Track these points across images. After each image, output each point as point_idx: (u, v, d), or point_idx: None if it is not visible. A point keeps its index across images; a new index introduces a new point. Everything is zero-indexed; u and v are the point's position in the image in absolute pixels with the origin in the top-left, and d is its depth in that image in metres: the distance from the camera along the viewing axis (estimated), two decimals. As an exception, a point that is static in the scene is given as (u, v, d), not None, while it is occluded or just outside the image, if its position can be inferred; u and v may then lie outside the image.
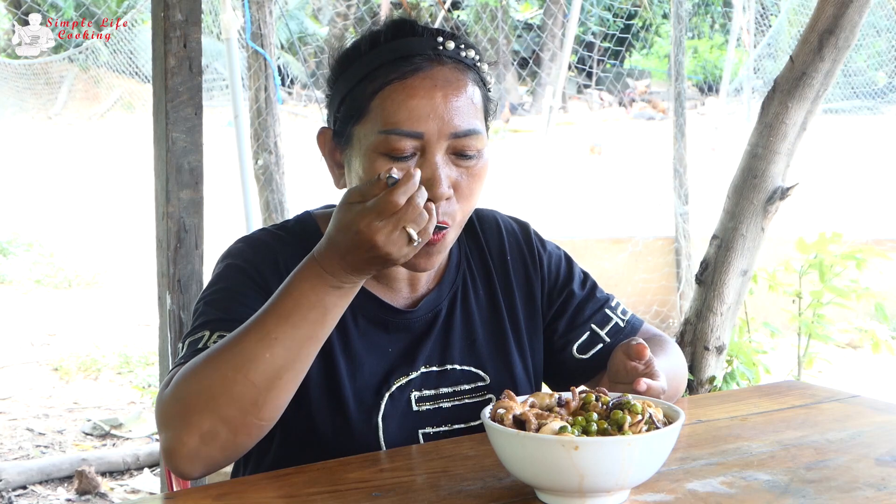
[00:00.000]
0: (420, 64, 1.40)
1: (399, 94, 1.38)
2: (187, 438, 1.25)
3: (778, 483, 1.26)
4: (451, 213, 1.41)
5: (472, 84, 1.43)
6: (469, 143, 1.40)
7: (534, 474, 1.18)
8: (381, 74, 1.40)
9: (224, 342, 1.29)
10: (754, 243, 2.99)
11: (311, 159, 1.64)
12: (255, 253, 1.47)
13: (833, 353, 5.08)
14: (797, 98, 2.87)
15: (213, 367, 1.26)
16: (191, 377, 1.27)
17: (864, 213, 8.52)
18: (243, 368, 1.24)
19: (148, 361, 5.53)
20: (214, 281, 1.47)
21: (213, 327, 1.38)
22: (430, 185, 1.36)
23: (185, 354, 1.37)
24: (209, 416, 1.24)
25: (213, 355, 1.28)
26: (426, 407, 1.50)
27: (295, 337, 1.26)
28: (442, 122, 1.38)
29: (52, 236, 9.57)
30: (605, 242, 6.55)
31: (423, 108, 1.38)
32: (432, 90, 1.39)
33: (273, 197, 4.66)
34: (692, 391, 3.06)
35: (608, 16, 13.21)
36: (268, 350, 1.25)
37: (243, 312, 1.38)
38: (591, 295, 1.65)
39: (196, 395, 1.26)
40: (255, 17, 4.60)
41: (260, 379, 1.25)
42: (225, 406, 1.24)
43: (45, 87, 13.01)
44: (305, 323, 1.26)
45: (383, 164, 1.37)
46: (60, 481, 3.92)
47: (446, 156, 1.40)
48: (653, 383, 1.34)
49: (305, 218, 1.56)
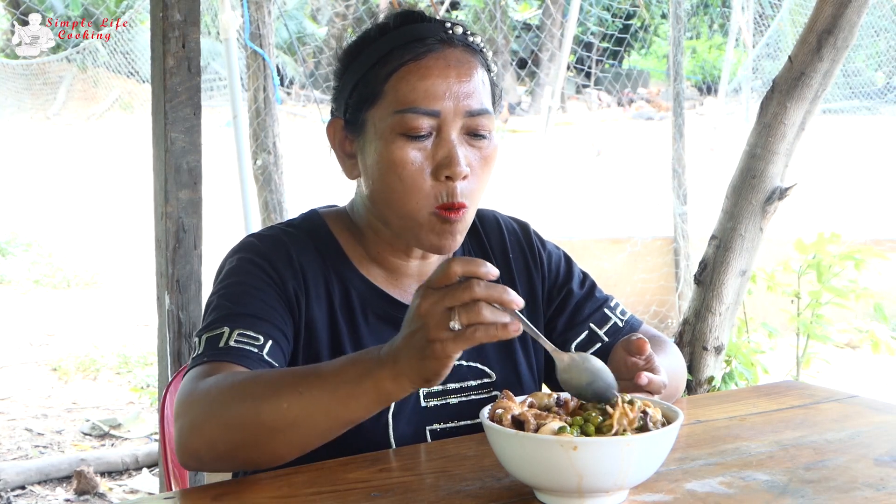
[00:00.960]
0: (433, 45, 1.42)
1: (414, 74, 1.40)
2: (203, 452, 1.27)
3: (777, 483, 1.26)
4: (468, 191, 1.42)
5: (480, 67, 1.45)
6: (482, 122, 1.42)
7: (532, 474, 1.18)
8: (395, 57, 1.42)
9: (259, 373, 1.28)
10: (753, 243, 2.99)
11: (311, 159, 1.65)
12: (268, 247, 1.47)
13: (832, 353, 5.09)
14: (796, 98, 2.87)
15: (238, 392, 1.26)
16: (218, 389, 1.27)
17: (863, 214, 8.52)
18: (258, 406, 1.24)
19: (147, 362, 5.53)
20: (228, 274, 1.46)
21: (233, 324, 1.37)
22: (449, 163, 1.39)
23: (204, 351, 1.36)
24: (218, 430, 1.26)
25: (244, 382, 1.26)
26: (434, 403, 1.51)
27: (319, 401, 1.23)
28: (457, 100, 1.40)
29: (51, 236, 9.57)
30: (604, 242, 6.55)
31: (438, 86, 1.40)
32: (446, 69, 1.41)
33: (272, 197, 4.66)
34: (691, 391, 3.06)
35: (607, 16, 13.22)
36: (287, 400, 1.23)
37: (259, 307, 1.38)
38: (590, 294, 1.66)
39: (224, 429, 1.25)
40: (254, 17, 4.60)
41: (269, 422, 1.24)
42: (233, 431, 1.25)
43: (43, 88, 13.00)
44: (340, 397, 1.23)
45: (401, 145, 1.39)
46: (59, 481, 3.91)
47: (461, 135, 1.41)
48: (654, 377, 1.34)
49: (312, 216, 1.56)
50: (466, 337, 1.12)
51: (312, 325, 1.46)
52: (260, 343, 1.36)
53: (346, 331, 1.47)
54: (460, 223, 1.42)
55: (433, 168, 1.40)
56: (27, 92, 12.80)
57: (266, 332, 1.38)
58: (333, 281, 1.49)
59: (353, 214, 1.55)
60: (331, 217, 1.55)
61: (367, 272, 1.52)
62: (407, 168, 1.40)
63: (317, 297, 1.46)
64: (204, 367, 1.33)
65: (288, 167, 4.81)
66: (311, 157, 1.58)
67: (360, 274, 1.51)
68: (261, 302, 1.40)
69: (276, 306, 1.41)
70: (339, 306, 1.48)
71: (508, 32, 19.00)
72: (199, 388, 1.29)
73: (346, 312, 1.48)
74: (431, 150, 1.40)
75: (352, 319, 1.48)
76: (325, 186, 1.55)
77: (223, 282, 1.45)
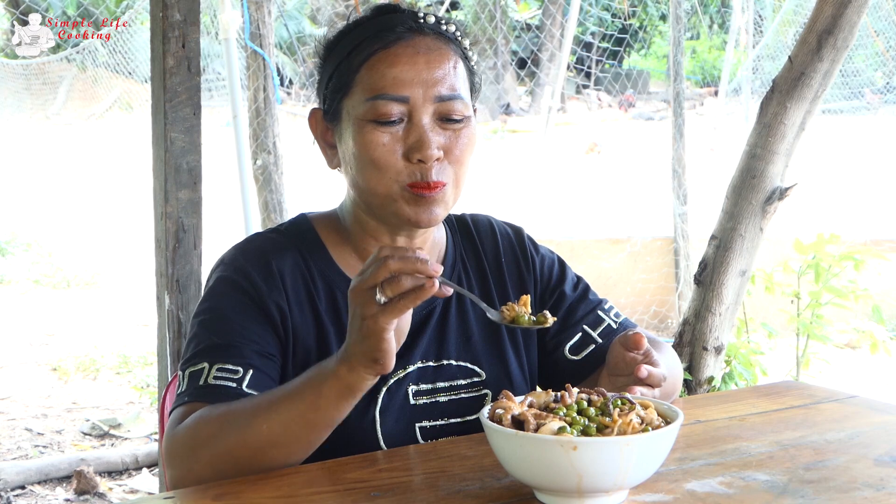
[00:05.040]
0: (402, 34, 1.45)
1: (383, 62, 1.44)
2: (189, 483, 1.33)
3: (776, 483, 1.26)
4: (444, 173, 1.44)
5: (453, 54, 1.48)
6: (454, 106, 1.45)
7: (532, 474, 1.18)
8: (366, 46, 1.45)
9: (235, 408, 1.34)
10: (753, 243, 2.99)
11: (310, 159, 1.65)
12: (248, 261, 1.48)
13: (831, 353, 5.08)
14: (796, 98, 2.87)
15: (218, 427, 1.33)
16: (210, 445, 1.33)
17: (863, 214, 8.51)
18: (241, 432, 1.31)
19: (147, 361, 5.53)
20: (207, 296, 1.49)
21: (212, 358, 1.40)
22: (419, 147, 1.42)
23: (186, 390, 1.40)
24: (209, 469, 1.33)
25: (223, 415, 1.33)
26: (423, 401, 1.52)
27: (294, 416, 1.30)
28: (426, 86, 1.43)
29: (51, 236, 9.57)
30: (604, 243, 6.55)
31: (406, 73, 1.43)
32: (415, 56, 1.44)
33: (272, 197, 4.66)
34: (690, 391, 3.06)
35: (607, 16, 13.22)
36: (265, 422, 1.31)
37: (238, 334, 1.42)
38: (584, 297, 1.66)
39: (214, 462, 1.32)
40: (254, 17, 4.60)
41: (254, 444, 1.31)
42: (223, 463, 1.32)
43: (43, 87, 12.98)
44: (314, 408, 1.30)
45: (372, 132, 1.42)
46: (59, 481, 3.91)
47: (433, 121, 1.44)
48: (654, 370, 1.35)
49: (301, 220, 1.57)
50: (392, 307, 1.20)
51: (297, 333, 1.47)
52: (239, 376, 1.39)
53: (333, 332, 1.48)
54: (438, 198, 1.44)
55: (405, 151, 1.43)
56: (27, 92, 12.78)
57: (245, 361, 1.40)
58: (318, 285, 1.50)
59: (342, 212, 1.57)
60: (319, 220, 1.57)
61: (353, 272, 1.51)
62: (379, 149, 1.42)
63: (299, 305, 1.47)
64: (185, 408, 1.39)
65: (288, 167, 4.81)
66: (311, 157, 1.58)
67: (346, 275, 1.51)
68: (239, 327, 1.43)
69: (255, 329, 1.43)
70: (324, 310, 1.49)
71: (508, 32, 19.01)
72: (180, 433, 1.35)
73: (331, 315, 1.49)
74: (403, 134, 1.43)
75: (338, 321, 1.49)
76: (325, 186, 1.55)
77: (203, 304, 1.48)
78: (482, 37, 13.02)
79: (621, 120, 20.66)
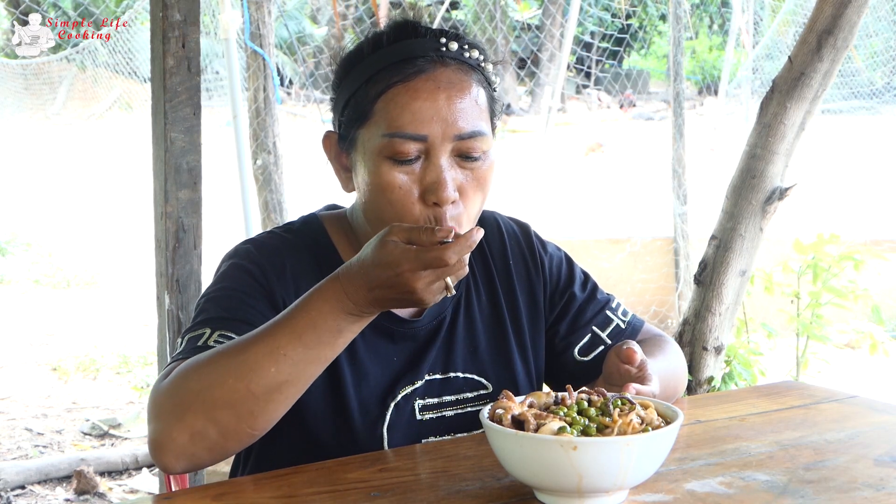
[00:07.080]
0: (423, 66, 1.39)
1: (402, 96, 1.37)
2: (177, 435, 1.25)
3: (776, 483, 1.26)
4: (457, 216, 1.39)
5: (476, 85, 1.42)
6: (474, 144, 1.39)
7: (532, 474, 1.18)
8: (384, 77, 1.39)
9: (230, 346, 1.28)
10: (753, 244, 2.99)
11: (310, 159, 1.65)
12: (262, 255, 1.46)
13: (831, 353, 5.09)
14: (796, 98, 2.87)
15: (215, 371, 1.26)
16: (191, 375, 1.27)
17: (862, 214, 8.52)
18: (245, 378, 1.24)
19: (146, 361, 5.53)
20: (219, 279, 1.46)
21: (215, 325, 1.37)
22: (436, 189, 1.36)
23: (183, 350, 1.36)
24: (203, 418, 1.24)
25: (217, 358, 1.27)
26: (430, 416, 1.50)
27: (304, 356, 1.25)
28: (446, 124, 1.37)
29: (51, 236, 9.57)
30: (604, 243, 6.55)
31: (426, 110, 1.37)
32: (435, 92, 1.37)
33: (272, 197, 4.66)
34: (690, 391, 3.06)
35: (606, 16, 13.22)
36: (274, 364, 1.24)
37: (246, 313, 1.38)
38: (592, 297, 1.65)
39: (193, 394, 1.25)
40: (254, 17, 4.60)
41: (261, 391, 1.24)
42: (221, 411, 1.24)
43: (43, 87, 12.97)
44: (317, 344, 1.25)
45: (388, 169, 1.37)
46: (59, 481, 3.91)
47: (451, 158, 1.39)
48: (642, 388, 1.33)
49: (311, 220, 1.55)
50: (438, 288, 1.23)
51: None
52: None
53: None
54: None
55: (421, 192, 1.38)
56: (27, 92, 12.77)
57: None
58: None
59: (353, 220, 1.54)
60: (330, 222, 1.55)
61: None
62: (395, 192, 1.38)
63: None
64: (177, 365, 1.33)
65: (288, 167, 4.81)
66: (312, 157, 1.57)
67: None
68: (247, 306, 1.40)
69: (263, 311, 1.41)
70: None
71: (508, 32, 19.00)
72: (170, 383, 1.29)
73: None
74: (420, 173, 1.38)
75: None
76: (325, 187, 1.54)
77: (213, 286, 1.45)
78: (482, 37, 13.00)
79: (621, 120, 20.66)
